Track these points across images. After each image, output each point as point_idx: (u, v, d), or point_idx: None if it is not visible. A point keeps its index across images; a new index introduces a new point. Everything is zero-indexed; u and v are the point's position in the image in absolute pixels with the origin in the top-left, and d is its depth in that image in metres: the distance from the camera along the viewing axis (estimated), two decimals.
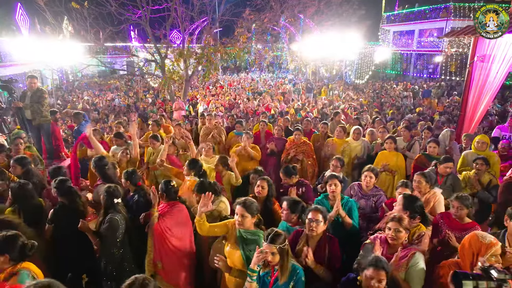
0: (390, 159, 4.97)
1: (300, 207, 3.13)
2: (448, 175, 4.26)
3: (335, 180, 3.48)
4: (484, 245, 2.26)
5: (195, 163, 4.19)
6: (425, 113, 13.20)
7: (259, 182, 3.64)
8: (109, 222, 3.05)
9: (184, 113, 13.39)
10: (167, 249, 3.24)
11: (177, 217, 3.35)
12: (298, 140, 5.68)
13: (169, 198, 3.46)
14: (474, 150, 5.03)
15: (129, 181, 3.70)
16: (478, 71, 6.38)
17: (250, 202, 2.84)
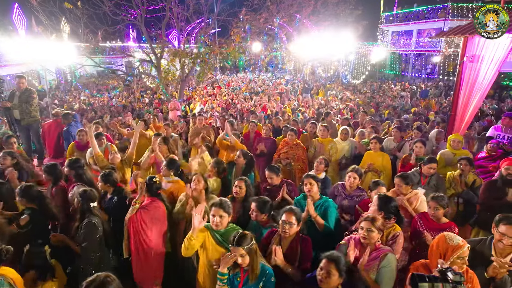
0: (376, 159, 4.96)
1: (269, 206, 3.13)
2: (431, 176, 4.25)
3: (310, 179, 3.47)
4: (451, 247, 2.25)
5: (174, 162, 4.17)
6: (421, 113, 13.17)
7: (236, 183, 3.63)
8: (87, 227, 3.03)
9: (179, 113, 13.37)
10: (138, 242, 3.27)
11: (153, 213, 3.35)
12: (292, 141, 5.62)
13: (150, 194, 3.47)
14: (450, 149, 5.06)
15: (108, 183, 3.65)
16: (468, 71, 6.35)
17: (225, 201, 2.85)
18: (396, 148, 5.74)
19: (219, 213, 2.77)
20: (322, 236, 3.17)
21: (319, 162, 4.41)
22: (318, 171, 4.41)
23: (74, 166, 4.06)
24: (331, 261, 2.26)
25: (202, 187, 3.58)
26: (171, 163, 4.18)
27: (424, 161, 4.30)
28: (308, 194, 3.47)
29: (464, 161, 4.37)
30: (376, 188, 3.48)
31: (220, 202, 2.84)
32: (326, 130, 5.61)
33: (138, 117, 13.92)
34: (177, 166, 4.22)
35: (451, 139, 5.07)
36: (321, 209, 3.36)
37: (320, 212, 3.35)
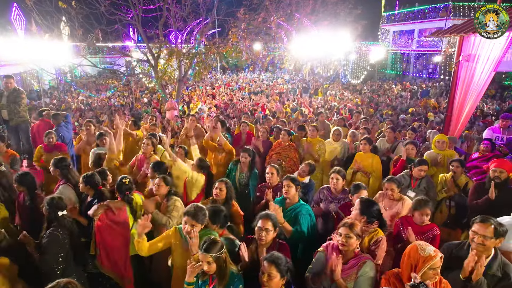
0: (366, 160, 4.84)
1: (222, 216, 2.93)
2: (422, 178, 4.13)
3: (288, 181, 3.37)
4: (422, 258, 2.15)
5: (160, 165, 4.08)
6: (420, 113, 13.01)
7: (217, 184, 3.54)
8: (49, 237, 2.90)
9: (177, 113, 13.30)
10: (100, 240, 3.23)
11: (112, 216, 3.27)
12: (285, 142, 5.47)
13: (119, 193, 3.40)
14: (435, 150, 4.98)
15: (88, 185, 3.56)
16: (463, 71, 6.24)
17: (199, 210, 2.72)
18: (389, 149, 5.63)
19: (191, 223, 2.65)
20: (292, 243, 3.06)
21: (304, 167, 4.30)
22: (302, 176, 4.30)
23: (60, 165, 3.98)
24: (271, 262, 2.22)
25: (163, 191, 3.49)
26: (157, 165, 4.09)
27: (414, 163, 4.18)
28: (286, 196, 3.37)
29: (455, 163, 4.26)
30: (358, 192, 3.37)
31: (194, 212, 2.70)
32: (315, 130, 5.50)
33: (135, 117, 13.92)
34: (163, 168, 4.12)
35: (436, 140, 4.99)
36: (291, 214, 3.27)
37: (290, 217, 3.25)
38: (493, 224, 2.48)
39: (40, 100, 11.83)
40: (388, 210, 3.57)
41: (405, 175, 4.28)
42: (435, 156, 4.92)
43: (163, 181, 3.53)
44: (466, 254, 2.54)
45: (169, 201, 3.55)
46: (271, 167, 4.05)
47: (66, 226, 3.04)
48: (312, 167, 4.38)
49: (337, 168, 3.82)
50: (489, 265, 2.48)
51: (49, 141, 5.41)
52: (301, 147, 5.49)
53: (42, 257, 2.88)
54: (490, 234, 2.45)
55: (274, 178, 4.00)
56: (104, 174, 3.90)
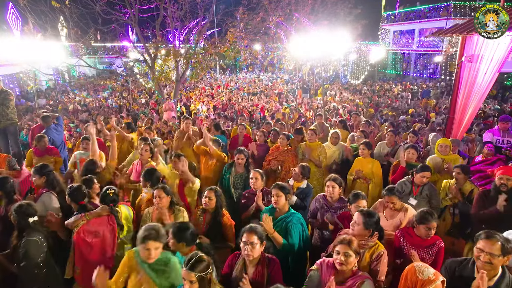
0: (365, 165, 4.64)
1: (187, 234, 2.66)
2: (424, 185, 3.93)
3: (277, 190, 3.17)
4: (420, 281, 1.96)
5: (151, 173, 3.88)
6: (421, 114, 12.81)
7: (206, 193, 3.36)
8: (26, 247, 2.74)
9: (174, 114, 13.13)
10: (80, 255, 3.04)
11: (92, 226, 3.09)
12: (283, 147, 5.22)
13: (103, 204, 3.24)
14: (438, 155, 4.77)
15: (70, 198, 3.35)
16: (466, 72, 6.03)
17: (156, 230, 2.46)
18: (390, 153, 5.43)
19: (155, 246, 2.41)
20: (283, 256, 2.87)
21: (298, 170, 4.09)
22: (298, 180, 4.10)
23: (45, 172, 3.79)
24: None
25: (165, 203, 3.29)
26: (148, 173, 3.89)
27: (416, 169, 3.98)
28: (275, 206, 3.18)
29: (457, 169, 4.05)
30: (356, 201, 3.16)
31: (157, 233, 2.43)
32: (314, 134, 5.28)
33: (132, 118, 13.72)
34: (155, 177, 3.92)
35: (439, 144, 4.79)
36: (281, 225, 3.08)
37: (281, 228, 3.06)
38: (500, 241, 2.28)
39: (35, 101, 11.57)
40: (390, 220, 3.38)
41: (406, 182, 4.08)
42: (438, 162, 4.72)
43: (163, 192, 3.31)
44: (471, 272, 2.35)
45: (175, 215, 3.34)
46: (255, 171, 3.88)
47: (40, 230, 2.88)
48: (306, 169, 4.14)
49: (333, 176, 3.61)
50: (497, 285, 2.28)
51: (41, 145, 5.23)
52: (301, 152, 5.29)
53: (21, 266, 2.74)
54: (497, 252, 2.25)
55: (258, 183, 3.82)
56: (90, 182, 3.70)
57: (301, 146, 5.37)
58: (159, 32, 12.76)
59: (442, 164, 4.64)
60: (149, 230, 2.44)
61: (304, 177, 4.13)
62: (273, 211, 3.24)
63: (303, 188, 4.12)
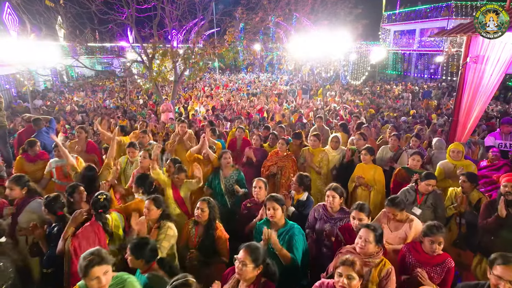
0: (367, 172, 4.43)
1: (146, 250, 2.47)
2: (429, 194, 3.72)
3: (272, 203, 2.95)
4: None
5: (144, 179, 3.69)
6: (422, 115, 12.59)
7: (199, 204, 3.16)
8: None
9: (172, 116, 12.93)
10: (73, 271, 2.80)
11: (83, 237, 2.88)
12: (282, 152, 4.98)
13: (93, 211, 3.03)
14: (450, 160, 4.56)
15: (47, 209, 3.14)
16: (471, 73, 5.83)
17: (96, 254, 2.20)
18: (393, 158, 5.21)
19: (102, 271, 2.14)
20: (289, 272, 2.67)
21: (294, 181, 3.87)
22: (298, 191, 3.89)
23: (25, 182, 3.59)
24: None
25: (153, 216, 3.09)
26: (140, 179, 3.70)
27: (421, 177, 3.77)
28: (271, 220, 2.97)
29: (463, 177, 3.84)
30: (358, 215, 2.95)
31: (99, 257, 2.17)
32: (318, 140, 5.07)
33: (129, 119, 13.52)
34: (148, 182, 3.72)
35: (451, 149, 4.58)
36: (285, 238, 2.87)
37: (284, 241, 2.86)
38: None
39: (30, 102, 11.33)
40: (394, 232, 3.17)
41: (410, 190, 3.88)
42: (450, 167, 4.49)
43: (153, 204, 3.12)
44: None
45: (160, 228, 3.13)
46: (259, 180, 3.67)
47: (6, 253, 2.65)
48: (305, 179, 3.88)
49: (333, 185, 3.40)
50: None
51: (33, 150, 5.00)
52: (302, 157, 5.08)
53: None
54: None
55: (262, 193, 3.62)
56: (74, 190, 3.50)
57: (304, 151, 5.16)
58: (156, 32, 12.57)
59: (454, 170, 4.42)
60: (89, 256, 2.16)
61: (302, 188, 3.87)
62: (268, 224, 3.04)
63: (303, 201, 3.86)
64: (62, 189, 4.63)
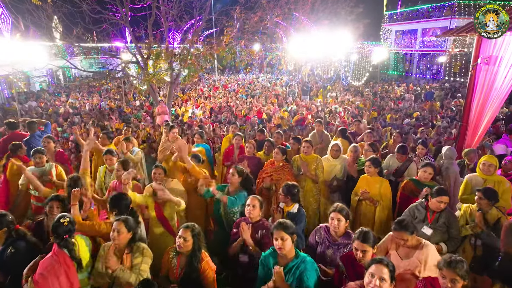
0: (372, 185, 4.01)
1: None
2: (441, 211, 3.32)
3: (281, 232, 2.53)
4: None
5: (118, 199, 3.27)
6: (425, 117, 12.18)
7: (181, 232, 2.74)
8: None
9: (167, 118, 12.56)
10: None
11: (48, 273, 2.48)
12: (278, 162, 4.53)
13: (55, 238, 2.63)
14: (480, 174, 4.10)
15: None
16: (482, 75, 5.42)
17: None
18: (399, 169, 4.76)
19: None
20: None
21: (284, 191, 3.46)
22: (286, 203, 3.48)
23: None
24: None
25: (123, 240, 2.69)
26: (115, 199, 3.29)
27: (432, 193, 3.36)
28: (279, 252, 2.57)
29: (479, 193, 3.41)
30: (362, 247, 2.53)
31: None
32: (310, 146, 4.64)
33: (125, 122, 13.13)
34: (123, 204, 3.32)
35: (482, 161, 4.12)
36: (295, 274, 2.47)
37: (294, 278, 2.45)
38: None
39: (16, 103, 10.79)
40: (405, 260, 2.76)
41: (420, 206, 3.47)
42: (479, 182, 4.05)
43: (124, 226, 2.74)
44: None
45: (134, 251, 2.76)
46: (253, 198, 3.25)
47: None
48: (292, 189, 3.47)
49: (338, 206, 2.98)
50: None
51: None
52: (295, 166, 4.66)
53: None
54: None
55: (256, 212, 3.20)
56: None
57: (296, 159, 4.72)
58: (151, 32, 12.18)
59: (483, 185, 3.96)
60: None
61: (290, 198, 3.46)
62: (275, 255, 2.63)
63: (294, 213, 3.46)
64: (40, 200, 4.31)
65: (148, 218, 3.80)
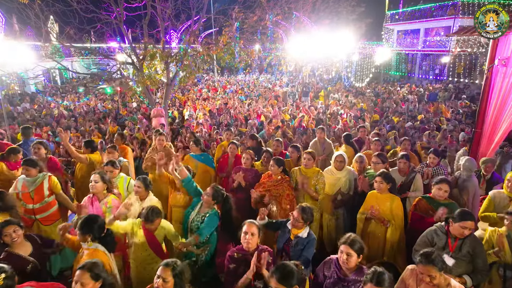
0: (382, 203, 3.55)
1: None
2: (465, 238, 2.87)
3: None
4: None
5: (90, 222, 2.83)
6: (430, 120, 11.71)
7: (159, 271, 2.30)
8: None
9: (164, 121, 12.13)
10: None
11: None
12: (276, 175, 4.03)
13: None
14: (507, 192, 3.62)
15: None
16: (499, 78, 4.97)
17: None
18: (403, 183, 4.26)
19: None
20: None
21: (296, 214, 3.03)
22: (298, 227, 3.05)
23: None
24: None
25: None
26: (86, 224, 2.85)
27: (453, 217, 2.91)
28: None
29: (510, 217, 2.97)
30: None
31: None
32: (312, 159, 4.15)
33: (119, 125, 12.70)
34: (97, 227, 2.88)
35: (508, 177, 3.64)
36: None
37: None
38: None
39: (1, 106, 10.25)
40: None
41: (439, 231, 3.01)
42: (504, 199, 3.57)
43: (89, 277, 2.25)
44: None
45: None
46: (251, 225, 2.81)
47: None
48: (309, 212, 3.08)
49: (351, 238, 2.52)
50: None
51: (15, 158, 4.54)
52: (294, 179, 4.19)
53: None
54: None
55: (254, 241, 2.77)
56: None
57: (295, 172, 4.24)
58: (147, 33, 11.75)
59: (508, 204, 3.49)
60: None
61: (306, 222, 3.08)
62: None
63: (303, 238, 3.05)
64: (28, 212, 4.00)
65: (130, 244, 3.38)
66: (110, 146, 4.99)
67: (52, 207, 4.13)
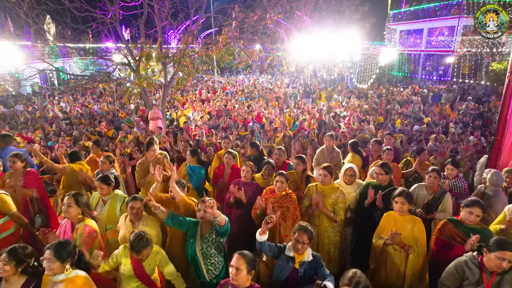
0: (402, 226, 3.09)
1: None
2: (504, 273, 2.43)
3: None
4: None
5: (62, 247, 2.41)
6: (438, 123, 11.27)
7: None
8: None
9: (161, 124, 11.74)
10: None
11: None
12: (280, 191, 3.63)
13: None
14: None
15: None
16: None
17: None
18: (430, 202, 3.72)
19: None
20: None
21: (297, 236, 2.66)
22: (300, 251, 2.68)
23: None
24: None
25: None
26: (58, 249, 2.42)
27: (489, 244, 2.47)
28: None
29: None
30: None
31: None
32: (329, 175, 3.66)
33: (115, 128, 12.28)
34: (68, 252, 2.45)
35: None
36: None
37: None
38: None
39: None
40: None
41: (471, 263, 2.57)
42: None
43: None
44: None
45: None
46: (238, 257, 2.43)
47: None
48: (310, 231, 2.73)
49: (356, 279, 2.11)
50: None
51: None
52: (307, 198, 3.74)
53: None
54: None
55: (240, 278, 2.39)
56: None
57: (311, 188, 3.77)
58: (143, 33, 11.35)
59: None
60: None
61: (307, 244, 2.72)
62: None
63: (310, 262, 2.71)
64: None
65: None
66: (104, 156, 4.53)
67: (4, 230, 3.53)
